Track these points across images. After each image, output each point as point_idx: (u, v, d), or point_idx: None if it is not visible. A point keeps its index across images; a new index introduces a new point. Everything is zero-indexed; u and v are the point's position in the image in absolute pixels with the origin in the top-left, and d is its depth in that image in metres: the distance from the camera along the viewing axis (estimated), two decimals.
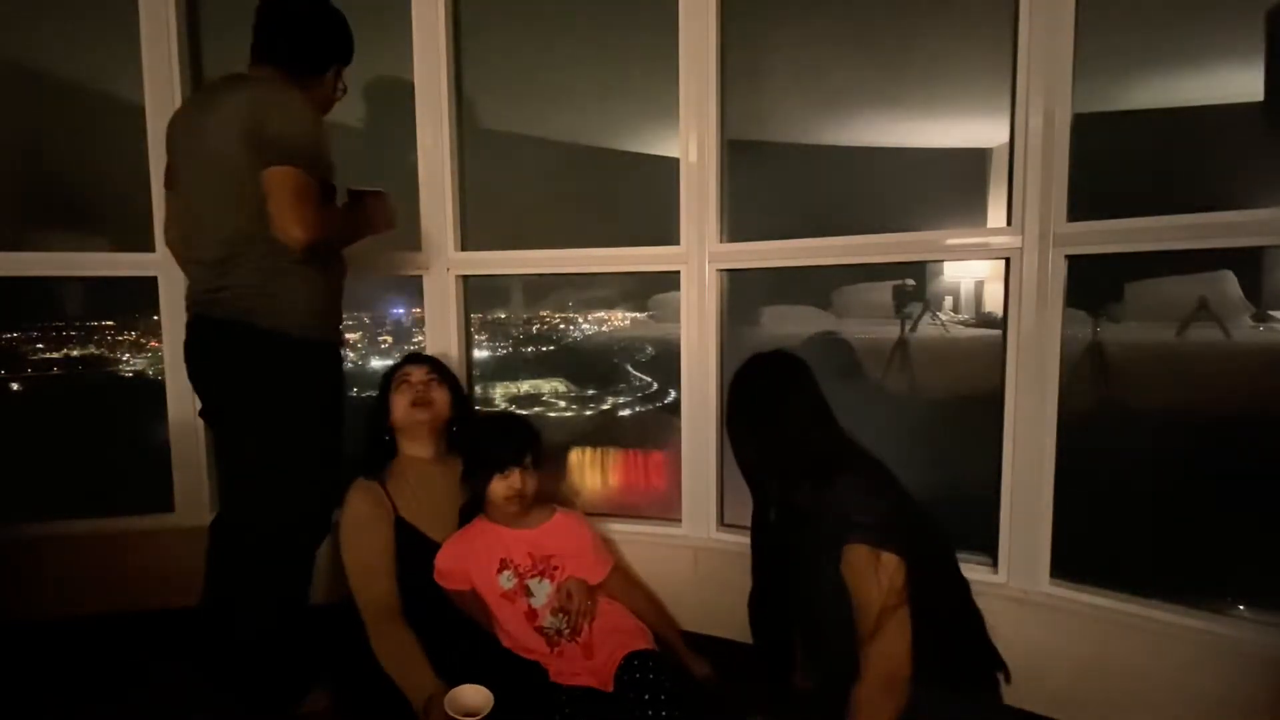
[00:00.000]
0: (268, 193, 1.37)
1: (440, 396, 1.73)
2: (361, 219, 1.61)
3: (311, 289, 1.51)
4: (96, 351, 3.10)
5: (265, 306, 1.47)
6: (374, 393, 1.78)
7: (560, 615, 1.54)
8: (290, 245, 1.38)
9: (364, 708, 1.53)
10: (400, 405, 1.70)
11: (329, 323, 1.58)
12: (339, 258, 1.63)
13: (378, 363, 3.60)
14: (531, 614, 1.56)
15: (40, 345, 2.86)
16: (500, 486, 1.57)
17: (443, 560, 1.61)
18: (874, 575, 1.23)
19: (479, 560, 1.59)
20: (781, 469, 1.41)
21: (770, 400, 1.43)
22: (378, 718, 1.49)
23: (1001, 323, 1.68)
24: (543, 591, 1.57)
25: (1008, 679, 1.37)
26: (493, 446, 1.59)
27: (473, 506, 1.65)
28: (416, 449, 1.72)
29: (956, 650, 1.31)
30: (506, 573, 1.57)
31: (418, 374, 1.73)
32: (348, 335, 3.57)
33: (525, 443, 1.61)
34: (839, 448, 1.40)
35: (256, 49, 1.55)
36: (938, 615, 1.26)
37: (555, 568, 1.58)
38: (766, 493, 1.49)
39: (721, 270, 1.95)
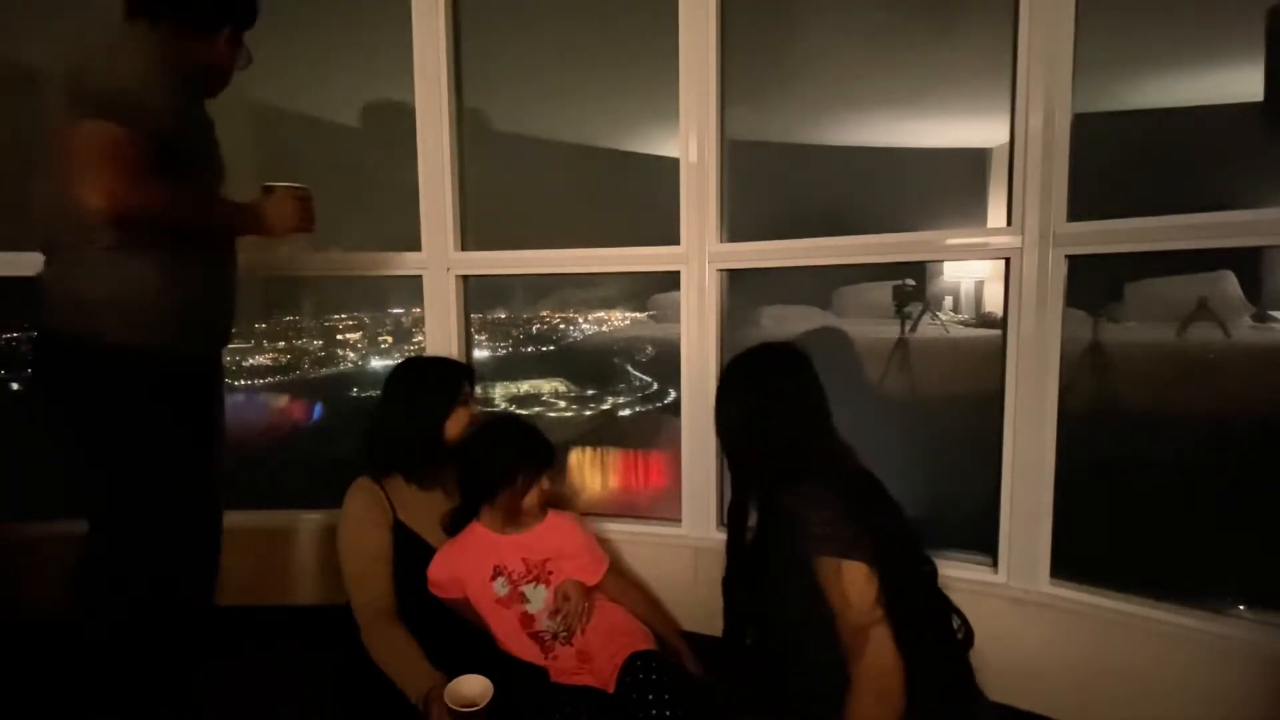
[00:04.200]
0: (71, 152, 1.14)
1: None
2: (247, 213, 1.36)
3: (137, 286, 1.28)
4: None
5: (73, 308, 1.27)
6: (375, 393, 1.76)
7: (558, 618, 1.53)
8: (87, 215, 1.14)
9: (365, 712, 1.52)
10: (460, 424, 1.67)
11: (169, 327, 1.33)
12: (219, 252, 1.39)
13: (378, 362, 3.61)
14: (526, 619, 1.55)
15: None
16: (534, 495, 1.54)
17: (435, 570, 1.59)
18: (842, 587, 1.22)
19: (472, 568, 1.57)
20: (761, 466, 1.38)
21: (766, 392, 1.39)
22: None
23: (1001, 323, 1.68)
24: (538, 597, 1.55)
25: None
26: (535, 453, 1.55)
27: (460, 514, 1.61)
28: None
29: (928, 670, 1.25)
30: (500, 579, 1.55)
31: (469, 394, 1.73)
32: (349, 335, 3.58)
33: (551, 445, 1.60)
34: (822, 453, 1.37)
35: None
36: (910, 629, 1.22)
37: (550, 572, 1.56)
38: (747, 485, 1.46)
39: (721, 270, 1.95)
